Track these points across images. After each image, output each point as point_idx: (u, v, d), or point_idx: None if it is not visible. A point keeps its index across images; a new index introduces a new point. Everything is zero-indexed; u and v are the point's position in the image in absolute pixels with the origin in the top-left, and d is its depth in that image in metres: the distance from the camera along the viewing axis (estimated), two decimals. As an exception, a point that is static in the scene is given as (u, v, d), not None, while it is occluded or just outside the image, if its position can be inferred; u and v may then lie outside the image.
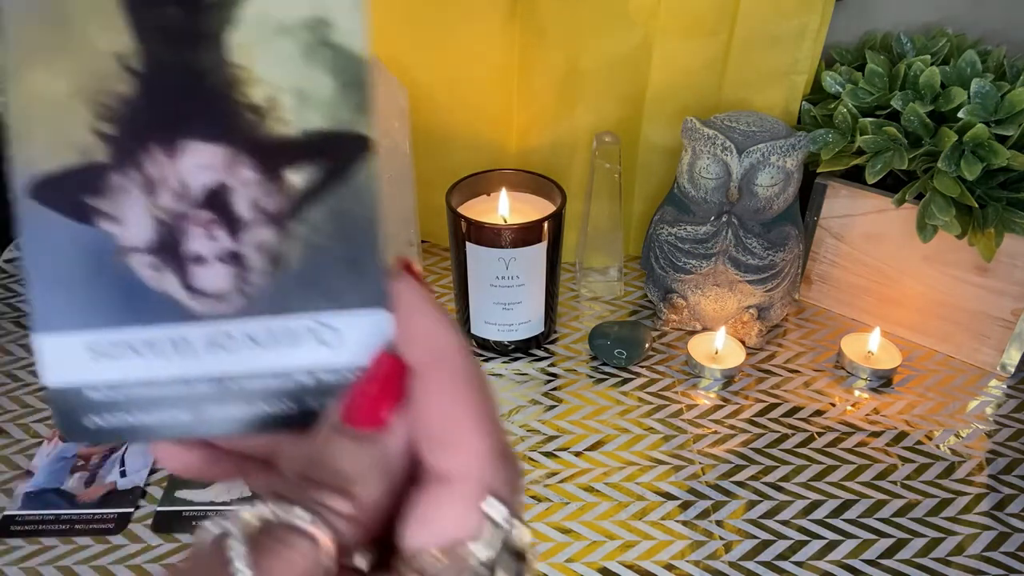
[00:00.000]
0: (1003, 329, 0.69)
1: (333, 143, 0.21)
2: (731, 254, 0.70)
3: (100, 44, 0.20)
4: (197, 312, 0.22)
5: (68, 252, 0.21)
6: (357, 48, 0.20)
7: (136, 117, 0.21)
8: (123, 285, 0.22)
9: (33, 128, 0.21)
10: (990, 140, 0.61)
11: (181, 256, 0.21)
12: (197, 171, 0.21)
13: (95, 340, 0.22)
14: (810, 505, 0.59)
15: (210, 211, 0.21)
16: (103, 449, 0.63)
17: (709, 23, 0.72)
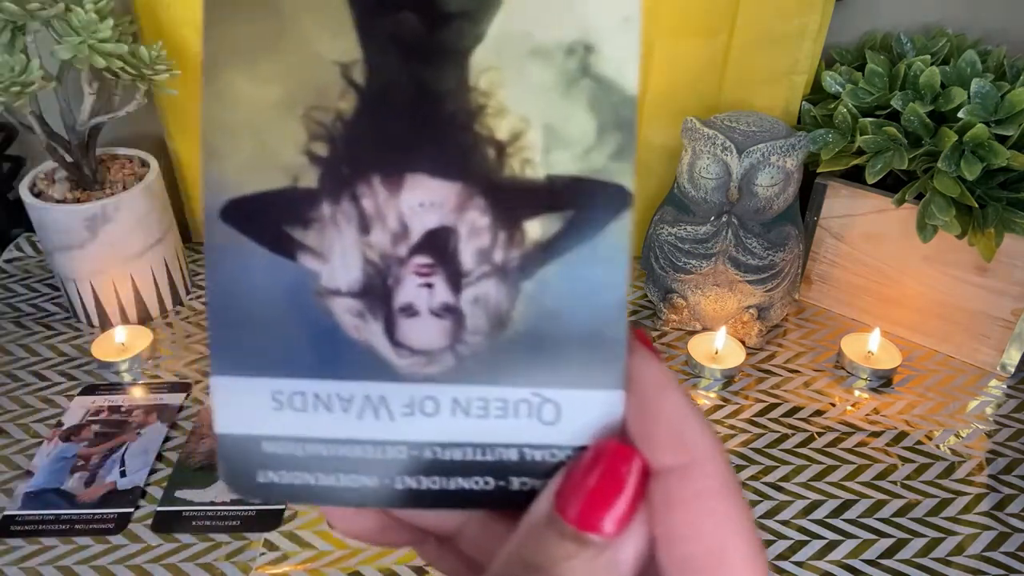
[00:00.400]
0: (1003, 329, 0.69)
1: (583, 193, 0.17)
2: (731, 254, 0.70)
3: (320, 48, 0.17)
4: (400, 370, 0.19)
5: (261, 287, 0.18)
6: (624, 81, 0.17)
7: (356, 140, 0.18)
8: (320, 331, 0.19)
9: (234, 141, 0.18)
10: (990, 140, 0.61)
11: (390, 305, 0.18)
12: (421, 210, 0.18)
13: (281, 388, 0.19)
14: (810, 505, 0.59)
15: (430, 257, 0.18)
16: (103, 449, 0.63)
17: (709, 23, 0.72)
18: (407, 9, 0.17)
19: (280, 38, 0.17)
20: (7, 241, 0.88)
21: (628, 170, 0.17)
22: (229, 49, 0.17)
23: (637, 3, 0.17)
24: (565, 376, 0.18)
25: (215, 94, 0.17)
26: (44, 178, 0.74)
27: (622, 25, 0.17)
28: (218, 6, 0.17)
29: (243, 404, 0.19)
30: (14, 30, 0.63)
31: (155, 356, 0.73)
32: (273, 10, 0.17)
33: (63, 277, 0.74)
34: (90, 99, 0.68)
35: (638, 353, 0.18)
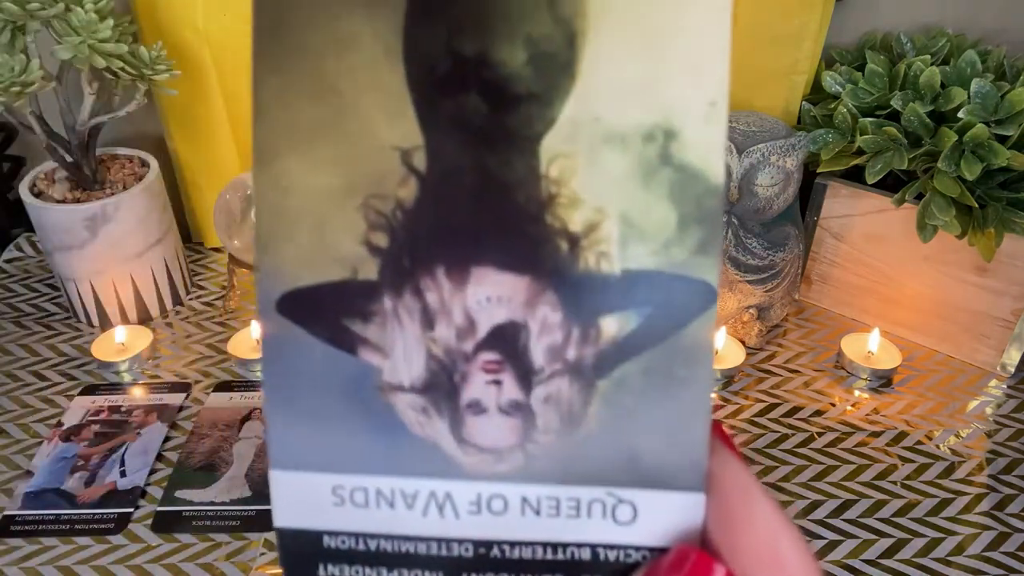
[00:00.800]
0: (1003, 329, 0.69)
1: (662, 289, 0.17)
2: (731, 254, 0.70)
3: (379, 133, 0.16)
4: (467, 468, 0.18)
5: (320, 381, 0.18)
6: (709, 170, 0.16)
7: (418, 231, 0.17)
8: (382, 427, 0.18)
9: (290, 230, 0.17)
10: (990, 140, 0.61)
11: (456, 402, 0.18)
12: (488, 305, 0.17)
13: (342, 484, 0.18)
14: (810, 505, 0.59)
15: (498, 353, 0.17)
16: (103, 449, 0.63)
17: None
18: (471, 91, 0.16)
19: (338, 122, 0.16)
20: (7, 241, 0.88)
21: (712, 265, 0.16)
22: (285, 133, 0.16)
23: (724, 86, 0.16)
24: (642, 476, 0.17)
25: (271, 180, 0.17)
26: (44, 178, 0.74)
27: (707, 111, 0.16)
28: (272, 87, 0.16)
29: (303, 499, 0.18)
30: (14, 30, 0.63)
31: (155, 356, 0.73)
32: (332, 92, 0.16)
33: (63, 277, 0.74)
34: (90, 99, 0.68)
35: (719, 453, 0.17)
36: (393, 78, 0.16)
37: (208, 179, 0.83)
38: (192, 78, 0.75)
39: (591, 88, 0.16)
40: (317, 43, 0.16)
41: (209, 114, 0.78)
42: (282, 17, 0.16)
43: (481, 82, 0.16)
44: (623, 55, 0.16)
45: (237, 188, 0.73)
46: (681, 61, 0.16)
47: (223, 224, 0.73)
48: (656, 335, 0.17)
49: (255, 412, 0.67)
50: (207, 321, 0.78)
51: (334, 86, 0.16)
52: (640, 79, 0.16)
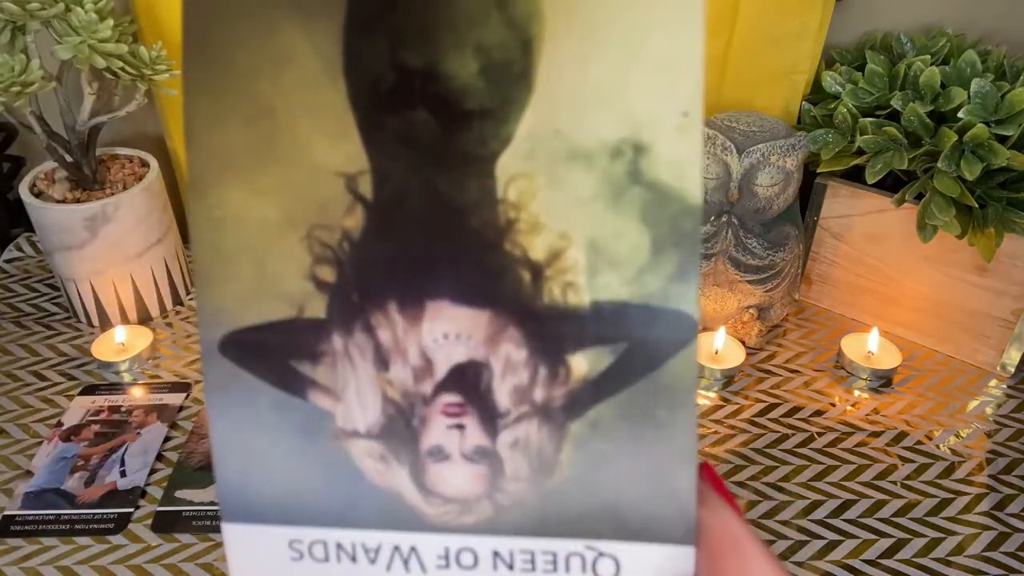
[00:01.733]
0: (1003, 329, 0.69)
1: (637, 322, 0.15)
2: (731, 254, 0.70)
3: (320, 157, 0.14)
4: (432, 519, 0.17)
5: (270, 428, 0.16)
6: (684, 187, 0.14)
7: (366, 263, 0.15)
8: (339, 476, 0.16)
9: (229, 266, 0.15)
10: (990, 140, 0.61)
11: (417, 448, 0.16)
12: (446, 342, 0.15)
13: (300, 537, 0.17)
14: (810, 505, 0.59)
15: (459, 395, 0.16)
16: (103, 449, 0.63)
17: (709, 23, 0.72)
18: (419, 107, 0.14)
19: (275, 147, 0.15)
20: (7, 241, 0.88)
21: (691, 293, 0.15)
22: (218, 161, 0.15)
23: (698, 94, 0.14)
24: (624, 528, 0.16)
25: (205, 212, 0.15)
26: (44, 178, 0.74)
27: (680, 121, 0.14)
28: (203, 111, 0.15)
29: (259, 553, 0.17)
30: (14, 30, 0.63)
31: (155, 356, 0.73)
32: (267, 114, 0.14)
33: (63, 277, 0.74)
34: (90, 99, 0.68)
35: (709, 501, 0.15)
36: (333, 97, 0.14)
37: (208, 179, 0.83)
38: (192, 78, 0.75)
39: (550, 99, 0.14)
40: (249, 61, 0.14)
41: (209, 114, 0.78)
42: (210, 34, 0.14)
43: (429, 97, 0.14)
44: (585, 62, 0.14)
45: (237, 188, 0.73)
46: (649, 67, 0.14)
47: (223, 224, 0.73)
48: (632, 373, 0.15)
49: (255, 412, 0.66)
50: (207, 321, 0.78)
51: (269, 108, 0.15)
52: (604, 88, 0.14)
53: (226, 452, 0.17)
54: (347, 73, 0.14)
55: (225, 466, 0.17)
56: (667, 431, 0.15)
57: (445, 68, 0.14)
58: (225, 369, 0.16)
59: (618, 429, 0.15)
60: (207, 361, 0.16)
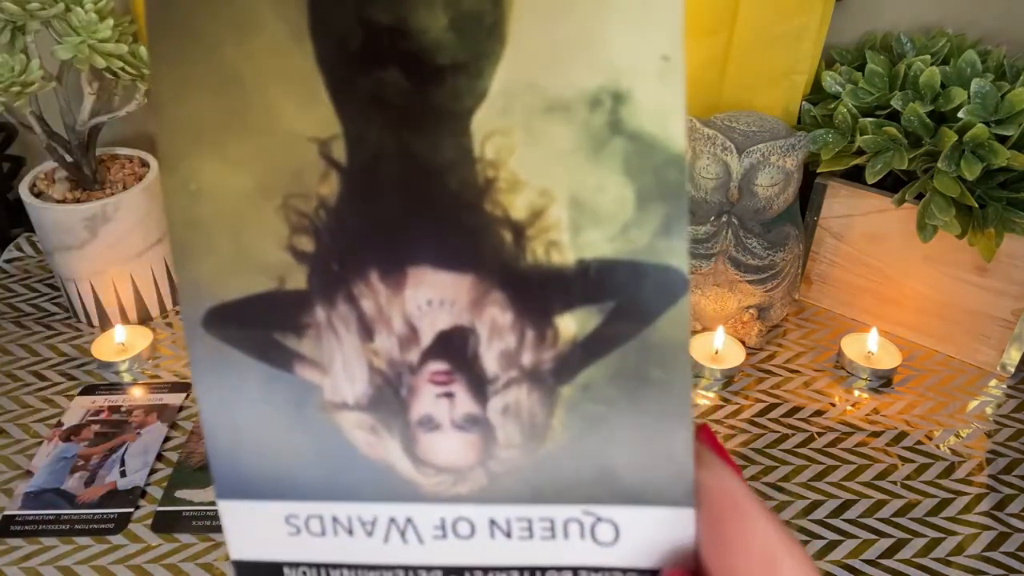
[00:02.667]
0: (1003, 329, 0.69)
1: (625, 280, 0.14)
2: (731, 254, 0.70)
3: (292, 123, 0.14)
4: (426, 490, 0.16)
5: (259, 403, 0.16)
6: (668, 136, 0.14)
7: (345, 231, 0.15)
8: (330, 449, 0.16)
9: (206, 240, 0.15)
10: (990, 140, 0.61)
11: (407, 419, 0.16)
12: (430, 309, 0.15)
13: (295, 512, 0.17)
14: (810, 505, 0.59)
15: (446, 362, 0.15)
16: (103, 449, 0.63)
17: (709, 23, 0.72)
18: (389, 66, 0.14)
19: (244, 114, 0.14)
20: (7, 241, 0.88)
21: (680, 248, 0.14)
22: (189, 132, 0.14)
23: (678, 36, 0.13)
24: (622, 492, 0.16)
25: (179, 185, 0.14)
26: (44, 178, 0.74)
27: (660, 66, 0.13)
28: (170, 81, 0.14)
29: (256, 529, 0.17)
30: (14, 30, 0.63)
31: (155, 356, 0.73)
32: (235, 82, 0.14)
33: (63, 277, 0.74)
34: (90, 99, 0.68)
35: (708, 462, 0.15)
36: (301, 60, 0.14)
37: (208, 179, 0.83)
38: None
39: (524, 51, 0.13)
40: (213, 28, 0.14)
41: (209, 114, 0.78)
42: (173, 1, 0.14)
43: (399, 54, 0.13)
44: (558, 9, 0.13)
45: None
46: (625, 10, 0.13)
47: (223, 224, 0.73)
48: (622, 333, 0.15)
49: (255, 412, 0.66)
50: (207, 321, 0.78)
51: (236, 75, 0.14)
52: (580, 35, 0.13)
53: (216, 429, 0.16)
54: (313, 34, 0.14)
55: (215, 442, 0.16)
56: (661, 391, 0.15)
57: (414, 23, 0.13)
58: (209, 345, 0.16)
59: (610, 391, 0.15)
60: (191, 337, 0.16)
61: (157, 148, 0.15)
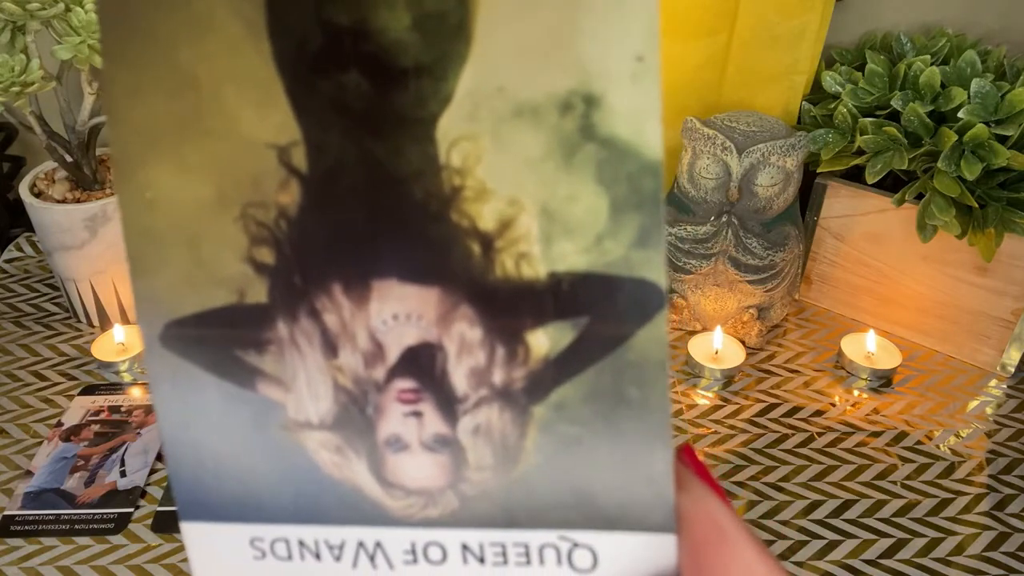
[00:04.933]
0: (1003, 329, 0.69)
1: (599, 294, 0.14)
2: (731, 254, 0.70)
3: (249, 128, 0.13)
4: (396, 513, 0.16)
5: (220, 422, 0.15)
6: (642, 141, 0.13)
7: (306, 242, 0.14)
8: (294, 470, 0.16)
9: (163, 251, 0.14)
10: (990, 140, 0.61)
11: (374, 439, 0.15)
12: (396, 324, 0.14)
13: (260, 535, 0.16)
14: (810, 505, 0.59)
15: (413, 380, 0.15)
16: (103, 449, 0.63)
17: (709, 23, 0.72)
18: (350, 68, 0.13)
19: (200, 118, 0.13)
20: (7, 241, 0.88)
21: (656, 260, 0.13)
22: (143, 137, 0.13)
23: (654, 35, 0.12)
24: (599, 516, 0.15)
25: (134, 194, 0.14)
26: (44, 178, 0.74)
27: (634, 68, 0.12)
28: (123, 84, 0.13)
29: (220, 553, 0.16)
30: (14, 30, 0.63)
31: (155, 356, 0.73)
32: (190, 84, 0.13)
33: (63, 277, 0.74)
34: (90, 99, 0.68)
35: (690, 486, 0.14)
36: (259, 62, 0.13)
37: (208, 179, 0.83)
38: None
39: (491, 52, 0.13)
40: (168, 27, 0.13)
41: (209, 114, 0.78)
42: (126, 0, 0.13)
43: (360, 56, 0.13)
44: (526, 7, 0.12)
45: (237, 188, 0.73)
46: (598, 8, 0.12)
47: (223, 224, 0.73)
48: (597, 350, 0.14)
49: (255, 412, 0.66)
50: (207, 321, 0.78)
51: (192, 77, 0.13)
52: (549, 35, 0.12)
53: (176, 448, 0.16)
54: (271, 34, 0.13)
55: (177, 463, 0.16)
56: (638, 411, 0.14)
57: (375, 23, 0.13)
58: (168, 361, 0.15)
59: (585, 411, 0.14)
60: (149, 354, 0.15)
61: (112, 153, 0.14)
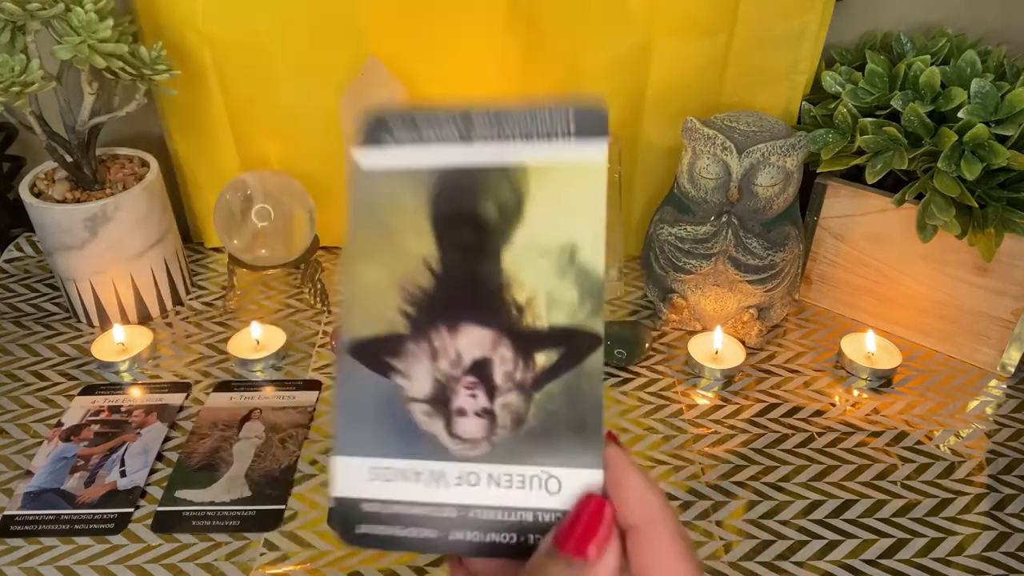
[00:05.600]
0: (1003, 329, 0.69)
1: (572, 336, 0.27)
2: (731, 254, 0.70)
3: (412, 249, 0.28)
4: (454, 453, 0.27)
5: (369, 396, 0.28)
6: (597, 268, 0.27)
7: (431, 303, 0.28)
8: (403, 426, 0.27)
9: (358, 305, 0.28)
10: (990, 140, 0.61)
11: (449, 409, 0.27)
12: (470, 347, 0.27)
13: (375, 465, 0.28)
14: (810, 505, 0.59)
15: (475, 377, 0.27)
16: (103, 449, 0.63)
17: (709, 23, 0.72)
18: (464, 227, 0.28)
19: (390, 244, 0.28)
20: (7, 241, 0.88)
21: (599, 322, 0.27)
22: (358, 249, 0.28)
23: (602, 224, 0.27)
24: (563, 458, 0.27)
25: (349, 276, 0.28)
26: (44, 178, 0.74)
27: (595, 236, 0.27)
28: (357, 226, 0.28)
29: (351, 476, 0.28)
30: (14, 30, 0.63)
31: (155, 356, 0.73)
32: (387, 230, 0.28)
33: (63, 277, 0.74)
34: (90, 99, 0.68)
35: (610, 445, 0.27)
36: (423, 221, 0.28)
37: (208, 179, 0.83)
38: (192, 78, 0.75)
39: (530, 224, 0.27)
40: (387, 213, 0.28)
41: (209, 114, 0.78)
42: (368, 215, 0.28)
43: (470, 222, 0.27)
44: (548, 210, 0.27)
45: (237, 188, 0.73)
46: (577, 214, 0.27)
47: (223, 224, 0.73)
48: (568, 364, 0.27)
49: (255, 412, 0.66)
50: (207, 321, 0.78)
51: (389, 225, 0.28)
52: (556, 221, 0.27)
53: (343, 411, 0.28)
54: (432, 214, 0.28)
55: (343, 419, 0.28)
56: (588, 400, 0.27)
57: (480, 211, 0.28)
58: (348, 362, 0.28)
59: (559, 396, 0.27)
60: (341, 357, 0.28)
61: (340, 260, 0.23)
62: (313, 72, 0.75)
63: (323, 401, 0.68)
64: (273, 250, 0.74)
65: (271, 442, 0.64)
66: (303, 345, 0.74)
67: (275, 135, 0.80)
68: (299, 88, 0.76)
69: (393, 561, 0.55)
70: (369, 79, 0.70)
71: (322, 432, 0.65)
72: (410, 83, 0.72)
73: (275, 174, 0.74)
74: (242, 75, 0.76)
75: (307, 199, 0.75)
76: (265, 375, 0.71)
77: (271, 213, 0.72)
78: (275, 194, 0.73)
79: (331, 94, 0.74)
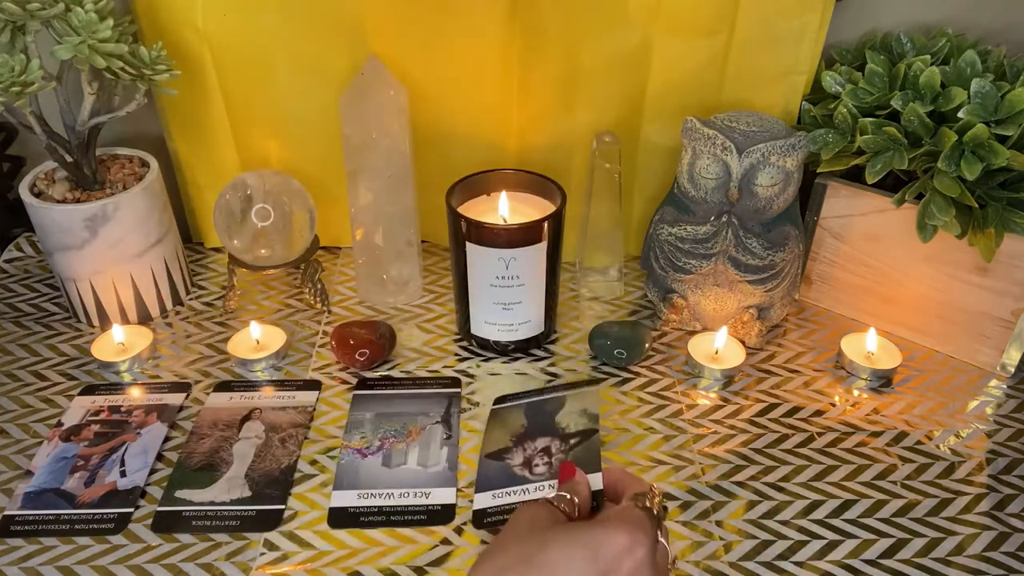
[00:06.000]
0: (1003, 329, 0.69)
1: (583, 432, 0.57)
2: (731, 254, 0.70)
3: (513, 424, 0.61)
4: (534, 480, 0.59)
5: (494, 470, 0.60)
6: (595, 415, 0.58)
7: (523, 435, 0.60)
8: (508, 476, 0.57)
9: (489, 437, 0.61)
10: (990, 140, 0.61)
11: (531, 465, 0.58)
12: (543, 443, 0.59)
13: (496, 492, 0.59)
14: (810, 505, 0.59)
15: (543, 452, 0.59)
16: (103, 449, 0.63)
17: (709, 23, 0.72)
18: None
19: None
20: (7, 241, 0.88)
21: (595, 425, 0.57)
22: None
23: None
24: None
25: None
26: (44, 178, 0.74)
27: None
28: None
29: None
30: (14, 30, 0.63)
31: (155, 356, 0.73)
32: None
33: (63, 277, 0.74)
34: (90, 99, 0.68)
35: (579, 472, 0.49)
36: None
37: (208, 179, 0.83)
38: (192, 78, 0.75)
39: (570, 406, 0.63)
40: None
41: (209, 114, 0.78)
42: None
43: None
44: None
45: (237, 188, 0.73)
46: None
47: (223, 224, 0.73)
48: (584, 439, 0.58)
49: (255, 412, 0.66)
50: (207, 321, 0.78)
51: None
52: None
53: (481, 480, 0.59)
54: None
55: None
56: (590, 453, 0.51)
57: None
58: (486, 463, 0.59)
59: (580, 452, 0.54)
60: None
61: None
62: (313, 72, 0.75)
63: (323, 401, 0.68)
64: (273, 250, 0.74)
65: (271, 442, 0.64)
66: (303, 345, 0.74)
67: (275, 135, 0.80)
68: (299, 88, 0.76)
69: (393, 561, 0.55)
70: (369, 79, 0.70)
71: (322, 432, 0.65)
72: (410, 83, 0.72)
73: (275, 174, 0.74)
74: (242, 75, 0.76)
75: (307, 199, 0.75)
76: (265, 375, 0.71)
77: (271, 213, 0.72)
78: (275, 194, 0.73)
79: (331, 94, 0.74)
